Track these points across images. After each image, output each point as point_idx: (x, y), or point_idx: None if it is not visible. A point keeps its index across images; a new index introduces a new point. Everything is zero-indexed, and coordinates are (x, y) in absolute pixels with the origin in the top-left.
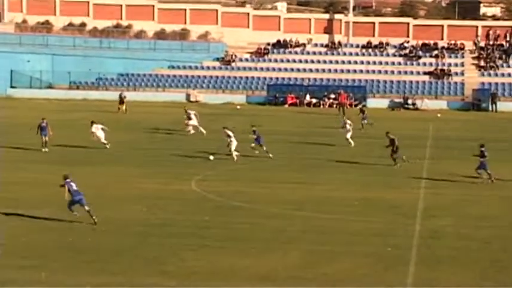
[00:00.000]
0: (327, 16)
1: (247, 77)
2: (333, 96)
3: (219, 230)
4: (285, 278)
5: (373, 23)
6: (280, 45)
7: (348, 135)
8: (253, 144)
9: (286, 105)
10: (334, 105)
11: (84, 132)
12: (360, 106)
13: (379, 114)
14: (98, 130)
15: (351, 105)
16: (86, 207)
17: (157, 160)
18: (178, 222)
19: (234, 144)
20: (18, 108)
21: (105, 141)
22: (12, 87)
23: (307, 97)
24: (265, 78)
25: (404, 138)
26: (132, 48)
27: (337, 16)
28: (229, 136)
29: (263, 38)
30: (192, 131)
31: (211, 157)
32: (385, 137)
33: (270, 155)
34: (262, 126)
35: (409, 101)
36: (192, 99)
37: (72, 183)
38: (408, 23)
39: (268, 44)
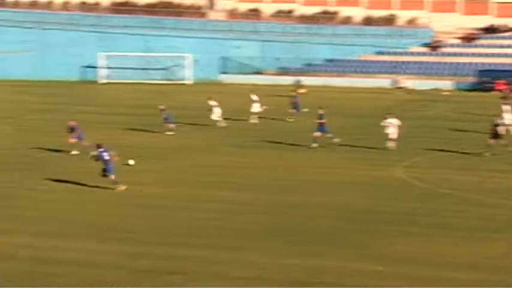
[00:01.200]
0: None
1: (456, 63)
2: None
3: (426, 217)
4: (492, 268)
5: None
6: (489, 30)
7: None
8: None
9: (495, 92)
10: None
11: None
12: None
13: None
14: (215, 107)
15: None
16: None
17: (365, 146)
18: (386, 208)
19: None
20: (225, 93)
21: (218, 119)
22: (222, 72)
23: None
24: (472, 63)
25: None
26: (339, 34)
27: None
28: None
29: (472, 23)
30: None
31: None
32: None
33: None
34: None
35: None
36: (399, 85)
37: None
38: None
39: (477, 29)
